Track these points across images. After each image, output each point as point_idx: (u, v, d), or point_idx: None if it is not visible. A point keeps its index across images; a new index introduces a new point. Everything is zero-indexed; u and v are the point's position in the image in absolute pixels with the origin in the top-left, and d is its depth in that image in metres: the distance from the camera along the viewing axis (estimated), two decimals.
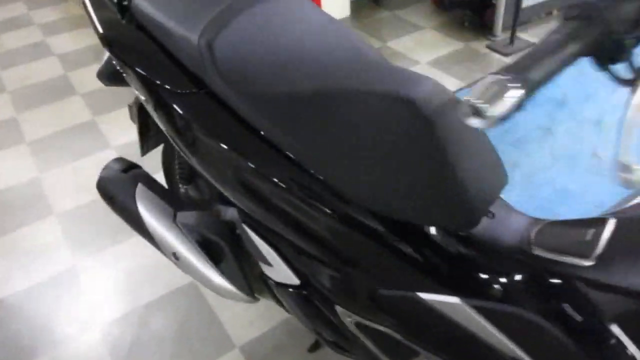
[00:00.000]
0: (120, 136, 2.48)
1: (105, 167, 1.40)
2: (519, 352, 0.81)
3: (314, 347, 1.54)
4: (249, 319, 1.68)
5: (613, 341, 0.72)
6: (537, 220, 0.90)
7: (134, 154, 1.53)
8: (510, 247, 0.86)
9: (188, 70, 1.08)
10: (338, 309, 1.07)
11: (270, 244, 1.09)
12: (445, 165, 0.78)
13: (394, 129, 0.82)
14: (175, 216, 1.28)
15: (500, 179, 0.87)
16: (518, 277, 0.82)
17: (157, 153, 1.57)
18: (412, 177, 0.82)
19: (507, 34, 2.98)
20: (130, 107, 1.45)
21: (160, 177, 1.49)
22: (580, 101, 2.47)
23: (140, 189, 1.33)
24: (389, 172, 0.84)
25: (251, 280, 1.27)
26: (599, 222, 0.79)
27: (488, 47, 2.97)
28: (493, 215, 0.88)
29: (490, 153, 0.88)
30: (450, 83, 2.73)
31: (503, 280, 0.83)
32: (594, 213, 1.98)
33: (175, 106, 1.07)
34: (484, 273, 0.85)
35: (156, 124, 1.33)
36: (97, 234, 1.98)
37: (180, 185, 1.52)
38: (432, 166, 0.80)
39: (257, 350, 1.60)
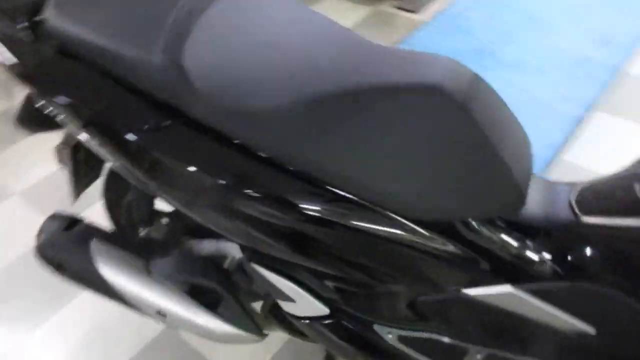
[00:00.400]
0: (22, 177, 2.10)
1: (41, 230, 1.17)
2: (583, 326, 0.78)
3: None
4: (246, 353, 1.49)
5: None
6: (573, 185, 0.85)
7: (49, 199, 1.27)
8: (555, 220, 0.80)
9: (151, 98, 0.86)
10: (377, 327, 0.97)
11: (289, 279, 0.95)
12: (487, 148, 0.72)
13: (428, 120, 0.72)
14: (148, 268, 1.09)
15: (530, 152, 0.81)
16: (570, 251, 0.78)
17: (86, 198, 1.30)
18: (457, 170, 0.74)
19: None
20: (59, 149, 1.18)
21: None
22: (500, 46, 2.49)
23: (95, 246, 1.12)
24: (429, 169, 0.75)
25: (256, 317, 1.13)
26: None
27: (397, 7, 2.93)
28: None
29: (518, 127, 0.81)
30: None
31: (555, 257, 0.78)
32: (545, 154, 2.02)
33: (148, 148, 0.85)
34: (534, 254, 0.79)
35: (92, 163, 1.15)
36: (32, 302, 1.67)
37: (140, 229, 1.28)
38: (474, 153, 0.73)
39: None
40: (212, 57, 0.80)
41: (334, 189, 0.80)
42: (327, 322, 1.00)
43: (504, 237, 0.80)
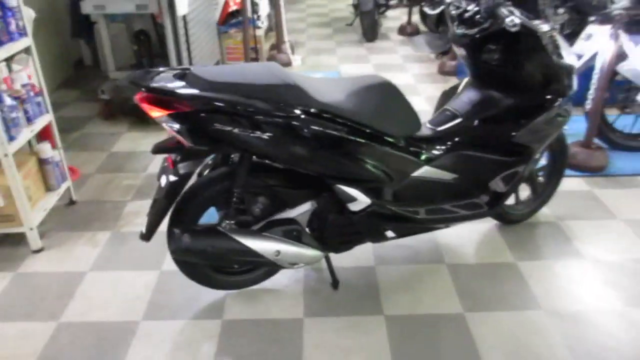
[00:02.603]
0: None
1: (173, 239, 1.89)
2: (453, 175, 2.17)
3: (335, 284, 2.23)
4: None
5: None
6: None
7: None
8: (426, 134, 2.17)
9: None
10: (392, 207, 2.07)
11: (352, 187, 1.95)
12: (406, 104, 2.01)
13: (381, 91, 1.97)
14: (262, 229, 1.92)
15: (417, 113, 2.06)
16: (429, 145, 2.12)
17: None
18: (395, 113, 2.00)
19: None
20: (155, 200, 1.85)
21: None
22: None
23: (223, 229, 1.89)
24: (386, 112, 1.97)
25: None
26: None
27: None
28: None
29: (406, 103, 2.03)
30: None
31: (438, 150, 2.14)
32: None
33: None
34: (426, 150, 2.11)
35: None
36: None
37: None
38: (404, 107, 2.02)
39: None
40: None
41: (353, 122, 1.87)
42: (370, 209, 1.98)
43: (412, 141, 2.06)
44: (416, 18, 6.15)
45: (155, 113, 1.68)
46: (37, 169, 2.57)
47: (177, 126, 1.67)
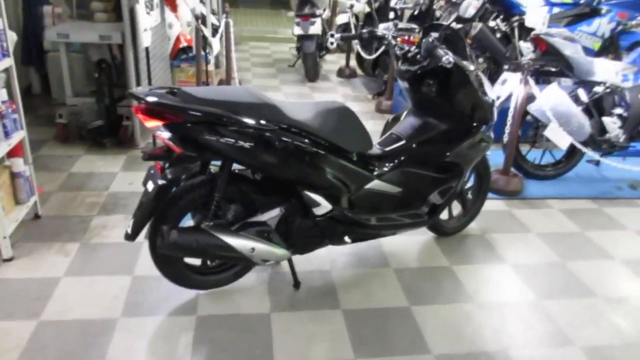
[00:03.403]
0: None
1: (160, 233, 2.09)
2: (397, 189, 2.58)
3: (296, 284, 2.52)
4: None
5: None
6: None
7: None
8: (376, 153, 2.55)
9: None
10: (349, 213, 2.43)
11: (317, 194, 2.28)
12: (359, 125, 2.39)
13: (339, 113, 2.33)
14: (237, 230, 2.17)
15: (369, 136, 2.44)
16: (374, 162, 2.53)
17: None
18: (350, 133, 2.36)
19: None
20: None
21: None
22: None
23: (205, 227, 2.13)
24: (344, 131, 2.32)
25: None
26: None
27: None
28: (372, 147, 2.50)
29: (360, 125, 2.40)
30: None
31: (380, 166, 2.53)
32: None
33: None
34: (371, 166, 2.49)
35: None
36: None
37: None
38: (357, 127, 2.38)
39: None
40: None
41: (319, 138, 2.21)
42: (331, 214, 2.32)
43: (365, 158, 2.46)
44: (353, 62, 6.70)
45: (150, 123, 1.94)
46: (9, 182, 2.69)
47: (169, 135, 1.93)
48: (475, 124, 2.61)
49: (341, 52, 7.42)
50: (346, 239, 2.42)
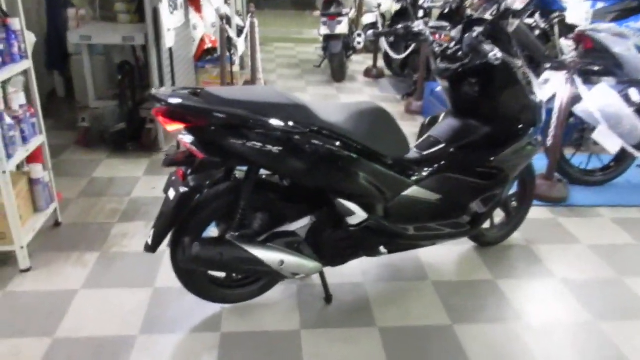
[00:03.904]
0: None
1: (185, 246, 1.94)
2: (437, 196, 2.34)
3: (328, 299, 2.33)
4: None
5: None
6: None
7: None
8: (414, 157, 2.34)
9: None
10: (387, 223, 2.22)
11: (352, 202, 2.08)
12: (398, 129, 2.19)
13: (371, 118, 2.11)
14: (266, 242, 2.00)
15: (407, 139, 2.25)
16: (415, 167, 2.30)
17: None
18: (388, 136, 2.18)
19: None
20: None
21: None
22: None
23: (231, 239, 1.96)
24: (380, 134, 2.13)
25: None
26: None
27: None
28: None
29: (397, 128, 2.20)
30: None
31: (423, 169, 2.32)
32: None
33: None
34: (409, 171, 2.28)
35: None
36: None
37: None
38: (395, 131, 2.19)
39: None
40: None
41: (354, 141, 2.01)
42: (366, 223, 2.12)
43: (404, 162, 2.26)
44: (380, 63, 6.50)
45: (172, 126, 1.78)
46: (27, 189, 2.58)
47: (191, 139, 1.77)
48: (521, 127, 2.39)
49: (367, 53, 7.22)
50: (382, 249, 2.23)
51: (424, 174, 2.28)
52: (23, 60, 2.47)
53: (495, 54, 2.07)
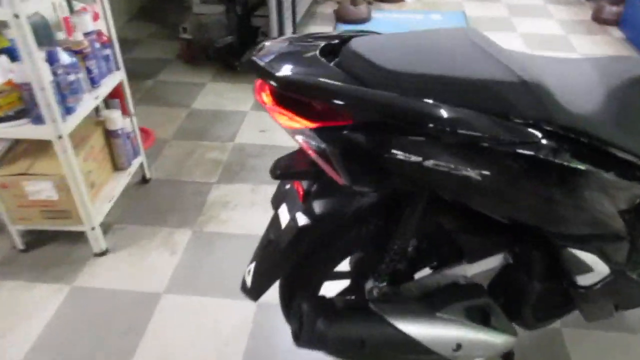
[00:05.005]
0: None
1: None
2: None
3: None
4: None
5: None
6: None
7: None
8: None
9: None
10: None
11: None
12: None
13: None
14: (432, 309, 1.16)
15: None
16: None
17: None
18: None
19: None
20: None
21: None
22: None
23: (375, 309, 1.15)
24: None
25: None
26: None
27: None
28: None
29: None
30: None
31: None
32: None
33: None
34: None
35: None
36: None
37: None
38: None
39: None
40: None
41: None
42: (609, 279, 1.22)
43: None
44: None
45: (290, 123, 0.97)
46: (102, 144, 1.97)
47: (323, 146, 0.96)
48: None
49: None
50: (612, 310, 1.36)
51: None
52: None
53: None
